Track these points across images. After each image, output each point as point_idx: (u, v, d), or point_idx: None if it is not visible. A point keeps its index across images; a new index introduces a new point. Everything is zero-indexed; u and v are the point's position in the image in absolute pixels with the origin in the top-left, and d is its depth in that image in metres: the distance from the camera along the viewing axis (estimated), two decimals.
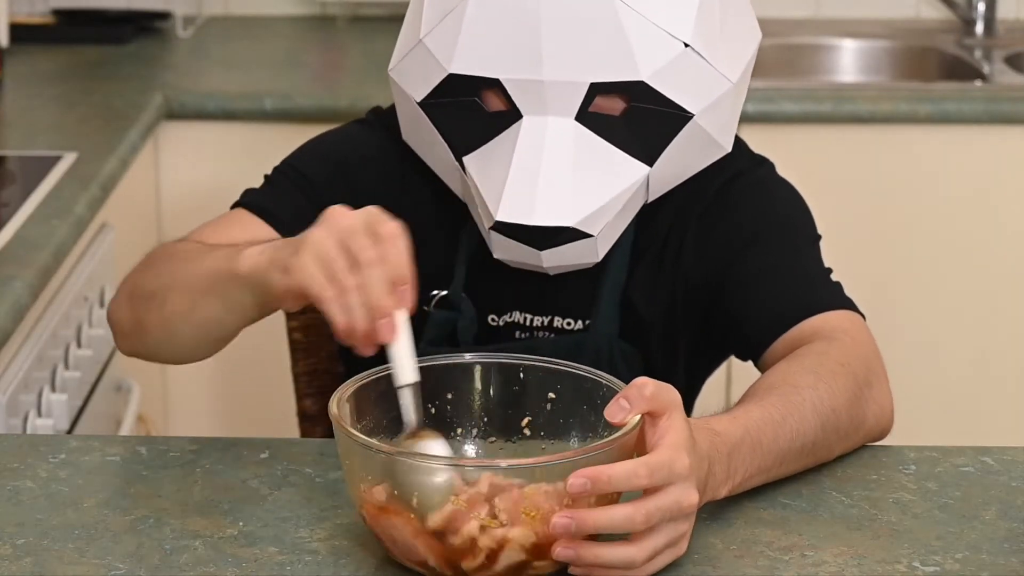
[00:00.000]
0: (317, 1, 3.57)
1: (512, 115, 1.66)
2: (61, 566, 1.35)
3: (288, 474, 1.51)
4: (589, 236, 1.66)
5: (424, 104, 1.70)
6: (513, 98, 1.65)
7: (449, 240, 1.79)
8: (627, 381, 1.36)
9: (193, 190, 2.92)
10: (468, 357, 1.47)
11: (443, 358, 1.46)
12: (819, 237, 1.77)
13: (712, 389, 1.90)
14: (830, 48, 3.44)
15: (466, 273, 1.77)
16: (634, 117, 1.66)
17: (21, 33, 3.21)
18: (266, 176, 1.80)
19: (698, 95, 1.66)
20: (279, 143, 1.99)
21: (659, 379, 1.34)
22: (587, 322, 1.76)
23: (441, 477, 1.30)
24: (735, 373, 2.78)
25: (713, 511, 1.43)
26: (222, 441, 1.59)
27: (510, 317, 1.78)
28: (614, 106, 1.66)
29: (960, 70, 3.28)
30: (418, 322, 1.76)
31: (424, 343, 1.75)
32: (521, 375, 1.45)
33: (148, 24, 3.42)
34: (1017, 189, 2.98)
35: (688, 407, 1.88)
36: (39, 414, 2.11)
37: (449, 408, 1.45)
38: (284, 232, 1.71)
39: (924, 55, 3.40)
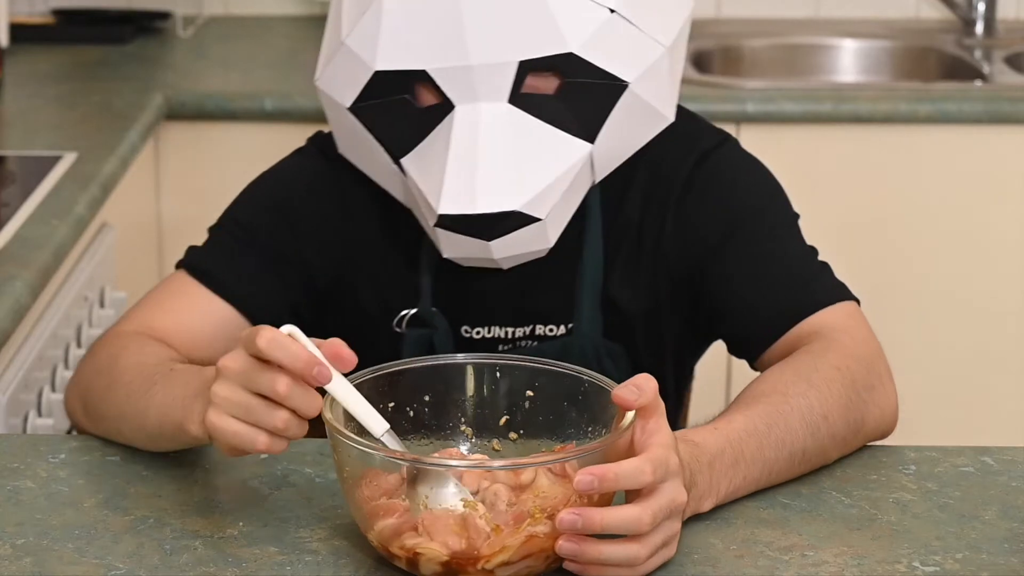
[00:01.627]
0: (317, 1, 3.57)
1: (444, 107, 1.62)
2: (61, 566, 1.35)
3: (288, 474, 1.51)
4: (537, 220, 1.61)
5: (355, 109, 1.65)
6: (443, 88, 1.60)
7: (409, 255, 1.75)
8: (616, 379, 1.37)
9: (193, 190, 2.92)
10: (444, 359, 1.45)
11: (418, 361, 1.44)
12: (797, 216, 1.74)
13: (713, 389, 1.90)
14: (830, 48, 3.44)
15: (432, 286, 1.73)
16: (569, 93, 1.62)
17: (21, 33, 3.21)
18: (209, 230, 1.76)
19: (631, 62, 1.62)
20: (279, 143, 1.99)
21: (647, 372, 1.34)
22: (569, 326, 1.74)
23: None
24: (735, 373, 2.78)
25: (713, 511, 1.43)
26: None
27: (489, 332, 1.75)
28: (547, 85, 1.62)
29: (960, 70, 3.28)
30: (393, 344, 1.73)
31: None
32: (498, 374, 1.44)
33: (148, 24, 3.42)
34: (1017, 189, 2.97)
35: (680, 395, 1.87)
36: (39, 414, 2.11)
37: (427, 411, 1.44)
38: (230, 297, 1.69)
39: (924, 55, 3.40)
